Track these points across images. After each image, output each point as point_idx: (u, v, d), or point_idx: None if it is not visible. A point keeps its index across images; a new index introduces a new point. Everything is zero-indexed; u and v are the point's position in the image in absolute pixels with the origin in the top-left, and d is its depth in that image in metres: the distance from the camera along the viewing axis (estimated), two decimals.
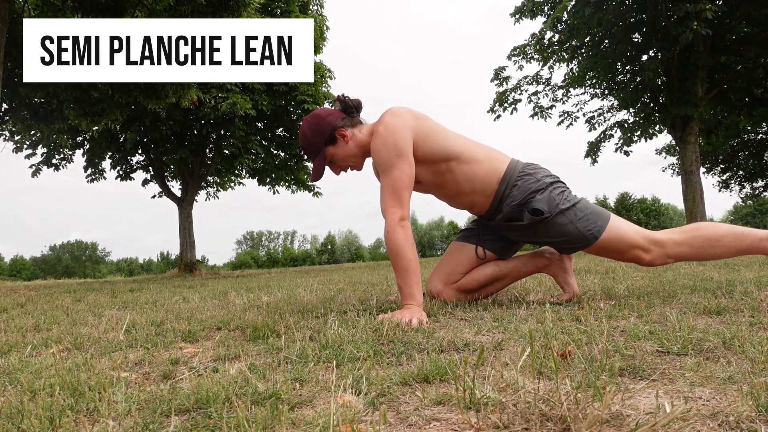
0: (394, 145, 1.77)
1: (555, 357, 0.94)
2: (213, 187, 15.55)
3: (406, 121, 1.81)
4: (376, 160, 1.83)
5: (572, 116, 14.10)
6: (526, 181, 1.84)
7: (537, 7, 12.59)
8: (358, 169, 1.97)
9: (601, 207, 1.92)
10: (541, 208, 1.79)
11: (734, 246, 1.78)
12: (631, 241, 1.80)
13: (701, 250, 1.79)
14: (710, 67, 10.94)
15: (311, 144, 1.89)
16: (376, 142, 1.81)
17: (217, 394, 0.85)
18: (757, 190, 19.94)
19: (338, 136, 1.87)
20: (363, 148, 1.90)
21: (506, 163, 1.88)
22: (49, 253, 65.57)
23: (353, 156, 1.90)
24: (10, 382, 1.06)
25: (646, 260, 1.82)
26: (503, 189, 1.84)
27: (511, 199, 1.83)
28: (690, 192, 11.19)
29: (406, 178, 1.77)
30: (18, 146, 11.82)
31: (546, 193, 1.81)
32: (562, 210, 1.79)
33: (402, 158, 1.77)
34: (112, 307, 2.79)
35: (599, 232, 1.79)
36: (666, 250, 1.80)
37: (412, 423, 0.73)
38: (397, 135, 1.78)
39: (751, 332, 1.17)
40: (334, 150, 1.89)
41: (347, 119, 1.90)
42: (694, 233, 1.80)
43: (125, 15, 7.12)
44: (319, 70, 13.00)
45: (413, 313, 1.56)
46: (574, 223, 1.79)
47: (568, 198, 1.83)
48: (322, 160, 1.90)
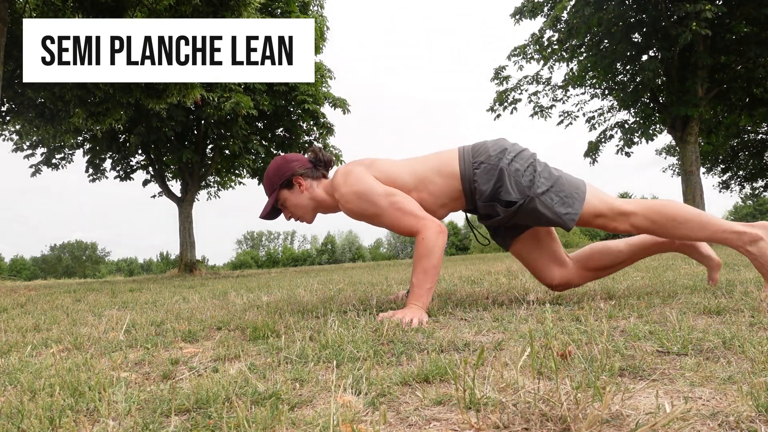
0: (367, 193, 1.79)
1: (555, 357, 0.94)
2: (213, 187, 15.57)
3: (361, 170, 1.84)
4: (365, 217, 1.85)
5: (572, 116, 14.11)
6: (483, 170, 1.82)
7: (537, 7, 12.60)
8: (307, 222, 2.01)
9: (576, 179, 1.88)
10: (512, 199, 1.78)
11: (696, 231, 1.78)
12: (597, 210, 1.81)
13: (664, 228, 1.79)
14: (710, 67, 10.94)
15: (270, 182, 1.96)
16: (347, 206, 1.85)
17: (217, 394, 0.85)
18: (757, 190, 19.94)
19: (295, 182, 1.93)
20: (315, 201, 1.95)
21: (456, 161, 1.87)
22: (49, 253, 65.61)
23: (303, 207, 1.95)
24: (10, 382, 1.06)
25: (610, 227, 1.84)
26: (467, 185, 1.85)
27: (480, 195, 1.83)
28: (690, 192, 11.19)
29: (402, 197, 1.80)
30: (18, 146, 11.83)
31: (511, 179, 1.78)
32: (538, 195, 1.77)
33: (383, 194, 1.79)
34: (112, 307, 2.79)
35: (576, 215, 1.78)
36: (630, 220, 1.81)
37: (412, 423, 0.73)
38: (362, 183, 1.81)
39: (751, 332, 1.17)
40: (287, 194, 1.95)
41: (311, 170, 1.95)
42: (662, 210, 1.80)
43: (125, 15, 7.12)
44: (319, 70, 13.01)
45: (414, 313, 1.56)
46: (552, 208, 1.78)
47: (541, 180, 1.79)
48: (273, 200, 1.95)
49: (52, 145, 12.15)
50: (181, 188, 13.48)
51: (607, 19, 10.61)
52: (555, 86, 13.96)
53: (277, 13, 12.09)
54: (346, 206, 1.85)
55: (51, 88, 7.60)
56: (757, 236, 1.76)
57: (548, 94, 14.10)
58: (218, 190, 15.66)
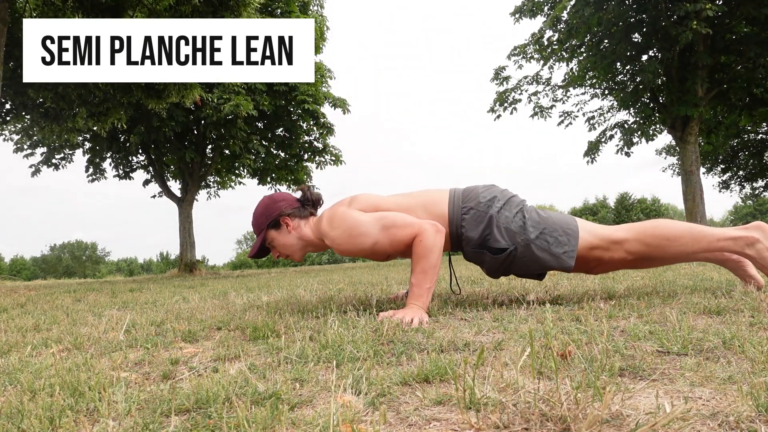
0: (355, 227, 1.76)
1: (555, 357, 0.94)
2: (213, 187, 15.57)
3: (343, 210, 1.82)
4: (365, 252, 1.80)
5: (572, 116, 14.10)
6: (472, 216, 1.80)
7: (537, 6, 12.60)
8: (296, 260, 1.99)
9: (565, 217, 1.85)
10: (501, 246, 1.76)
11: (692, 246, 1.77)
12: (590, 243, 1.79)
13: (659, 249, 1.78)
14: (710, 67, 10.94)
15: (257, 222, 1.95)
16: (341, 248, 1.81)
17: (217, 394, 0.85)
18: (757, 190, 19.94)
19: (282, 222, 1.91)
20: (304, 240, 1.93)
21: (446, 203, 1.85)
22: (49, 253, 65.59)
23: (291, 246, 1.93)
24: (10, 382, 1.06)
25: (606, 258, 1.81)
26: (454, 229, 1.83)
27: (467, 241, 1.82)
28: (690, 192, 11.19)
29: (390, 215, 1.77)
30: (18, 146, 11.82)
31: (500, 226, 1.77)
32: (531, 240, 1.75)
33: (371, 221, 1.76)
34: (112, 307, 2.79)
35: (573, 251, 1.75)
36: (624, 247, 1.79)
37: (412, 423, 0.73)
38: (347, 221, 1.78)
39: (751, 332, 1.17)
40: (275, 234, 1.93)
41: (298, 209, 1.94)
42: (652, 231, 1.79)
43: (125, 15, 7.12)
44: (319, 70, 13.01)
45: (414, 312, 1.56)
46: (548, 250, 1.76)
47: (531, 225, 1.77)
48: (262, 240, 1.94)
49: (54, 145, 12.13)
50: (181, 188, 13.48)
51: (607, 19, 10.60)
52: (555, 86, 13.96)
53: (277, 13, 12.09)
54: (341, 248, 1.81)
55: (55, 88, 7.60)
56: (753, 239, 1.76)
57: (548, 95, 14.10)
58: (218, 190, 15.67)
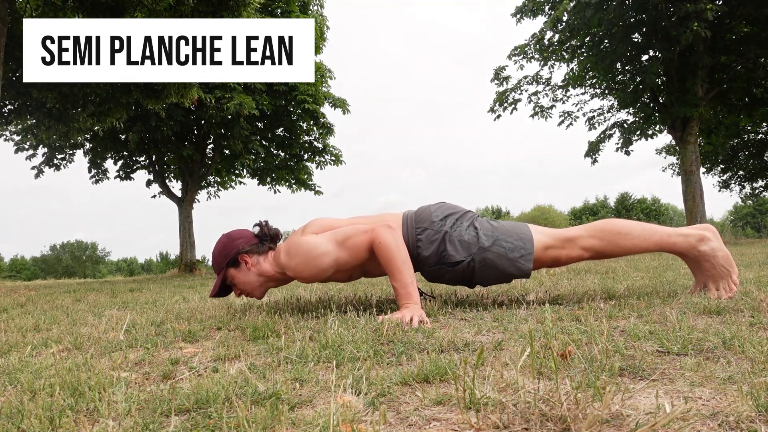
0: (311, 250, 1.75)
1: (555, 357, 0.94)
2: (213, 187, 15.57)
3: (296, 238, 1.82)
4: (327, 272, 1.79)
5: (572, 116, 14.10)
6: (427, 236, 1.82)
7: (538, 7, 12.60)
8: (257, 297, 1.97)
9: (517, 223, 1.88)
10: (458, 259, 1.78)
11: (644, 239, 1.78)
12: (544, 244, 1.81)
13: (612, 244, 1.80)
14: (710, 67, 10.93)
15: (216, 262, 1.94)
16: (303, 275, 1.79)
17: (217, 394, 0.85)
18: (757, 190, 19.92)
19: (241, 260, 1.90)
20: (264, 276, 1.91)
21: (400, 225, 1.86)
22: (50, 253, 65.56)
23: (251, 283, 1.91)
24: (10, 382, 1.06)
25: (563, 256, 1.83)
26: (411, 251, 1.83)
27: (424, 261, 1.83)
28: (690, 192, 11.19)
29: (342, 229, 1.78)
30: (19, 147, 11.81)
31: (454, 241, 1.79)
32: (487, 248, 1.77)
33: (326, 240, 1.76)
34: (112, 307, 2.79)
35: (530, 254, 1.77)
36: (578, 243, 1.81)
37: (412, 423, 0.73)
38: (302, 246, 1.77)
39: (751, 332, 1.17)
40: (235, 273, 1.91)
41: (256, 246, 1.92)
42: (603, 227, 1.82)
43: (125, 15, 7.12)
44: (319, 70, 13.00)
45: (413, 311, 1.56)
46: (505, 255, 1.78)
47: (484, 235, 1.80)
48: (222, 279, 1.92)
49: (55, 144, 12.12)
50: (181, 188, 13.48)
51: (607, 20, 10.60)
52: (555, 86, 13.95)
53: (277, 13, 12.09)
54: (303, 276, 1.80)
55: (60, 88, 7.60)
56: (704, 236, 1.77)
57: (548, 94, 14.09)
58: (218, 190, 15.66)
